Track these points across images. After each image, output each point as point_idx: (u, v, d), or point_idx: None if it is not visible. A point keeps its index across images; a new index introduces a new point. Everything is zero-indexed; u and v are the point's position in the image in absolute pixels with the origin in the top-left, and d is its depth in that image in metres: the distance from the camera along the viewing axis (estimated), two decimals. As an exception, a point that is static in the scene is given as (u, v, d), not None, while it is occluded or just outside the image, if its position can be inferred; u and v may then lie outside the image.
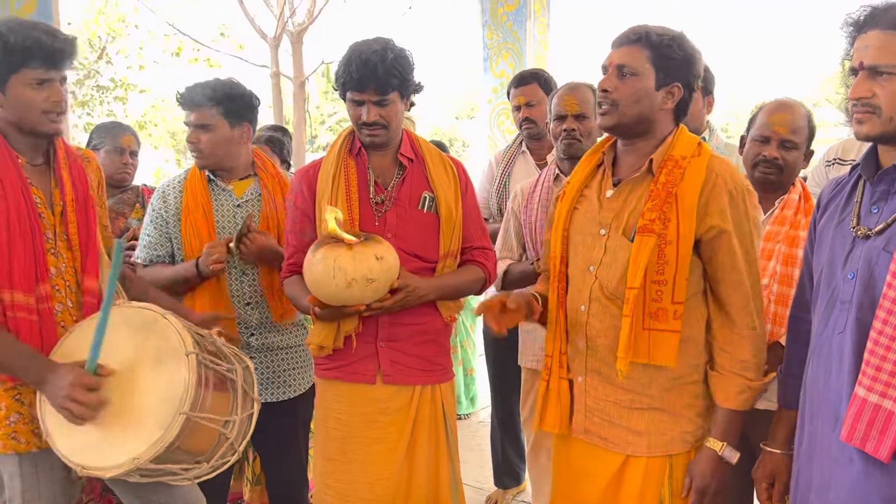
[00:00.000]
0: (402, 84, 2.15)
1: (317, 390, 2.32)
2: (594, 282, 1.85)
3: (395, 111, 2.18)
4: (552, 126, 2.80)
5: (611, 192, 1.86)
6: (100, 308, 1.88)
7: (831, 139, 4.00)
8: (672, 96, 1.80)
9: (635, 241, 1.75)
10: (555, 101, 2.78)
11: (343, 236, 1.97)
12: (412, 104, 2.29)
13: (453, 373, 2.36)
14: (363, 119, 2.15)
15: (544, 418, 1.95)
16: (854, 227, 1.52)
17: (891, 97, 1.43)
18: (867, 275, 1.47)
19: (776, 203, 2.21)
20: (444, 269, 2.24)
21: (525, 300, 1.93)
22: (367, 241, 1.99)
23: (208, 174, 2.51)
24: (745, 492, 2.14)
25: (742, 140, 2.32)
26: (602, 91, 1.80)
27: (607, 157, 1.91)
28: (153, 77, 16.17)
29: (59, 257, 1.97)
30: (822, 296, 1.59)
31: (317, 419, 2.29)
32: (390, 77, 2.10)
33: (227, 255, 2.38)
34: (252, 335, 2.49)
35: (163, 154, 20.38)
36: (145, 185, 3.31)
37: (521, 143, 3.43)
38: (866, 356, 1.42)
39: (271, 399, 2.51)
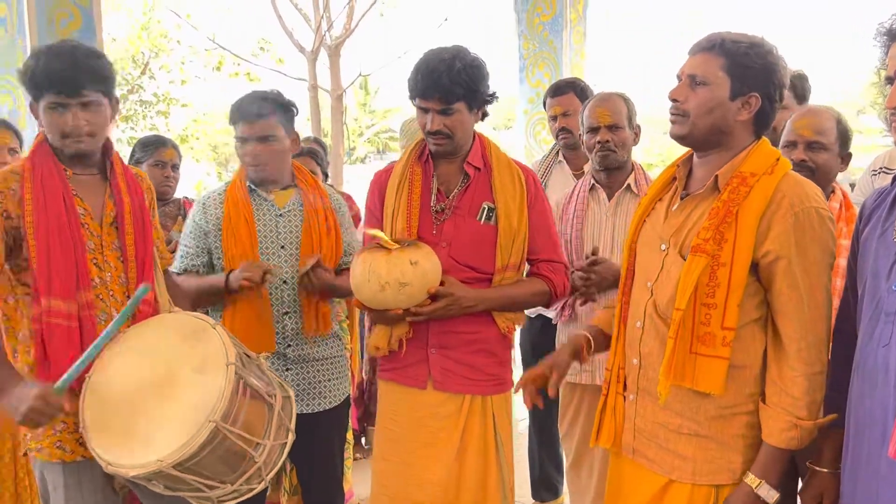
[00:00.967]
0: (469, 94, 2.14)
1: (378, 390, 2.36)
2: (649, 298, 1.79)
3: (461, 121, 2.17)
4: (585, 138, 2.77)
5: (676, 207, 1.81)
6: (139, 320, 1.92)
7: (878, 146, 3.90)
8: (749, 106, 1.71)
9: (687, 260, 1.69)
10: (586, 112, 2.75)
11: (385, 241, 2.02)
12: (485, 114, 2.27)
13: (510, 384, 2.33)
14: (427, 127, 2.17)
15: (600, 433, 1.92)
16: None
17: None
18: None
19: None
20: (502, 281, 2.23)
21: (575, 349, 1.95)
22: (406, 246, 2.03)
23: (249, 184, 2.53)
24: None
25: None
26: (672, 101, 1.75)
27: (682, 169, 1.85)
28: (195, 91, 16.50)
29: (105, 267, 2.01)
30: (867, 308, 1.55)
31: (377, 419, 2.35)
32: (455, 86, 2.09)
33: (260, 281, 2.36)
34: (289, 346, 2.50)
35: (204, 167, 20.76)
36: (186, 197, 3.37)
37: (557, 152, 3.42)
38: None
39: (307, 410, 2.51)
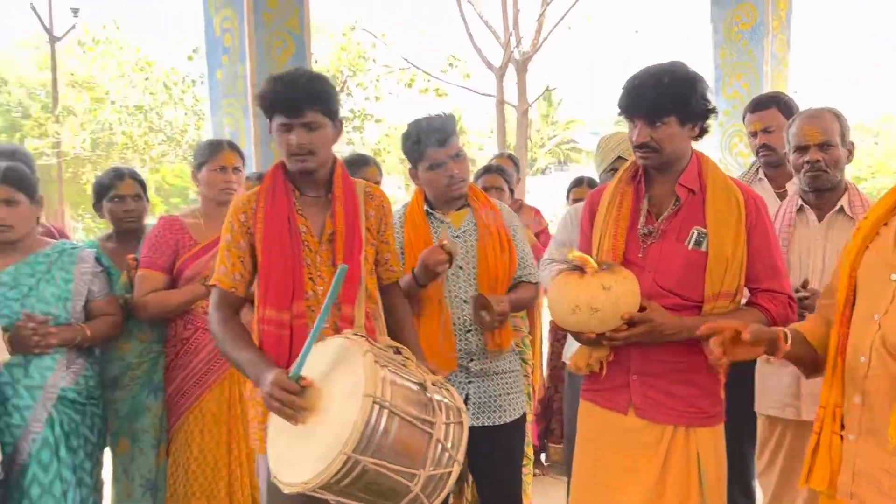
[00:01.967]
0: (679, 109, 2.05)
1: (579, 409, 2.33)
2: (877, 331, 1.64)
3: (669, 134, 2.07)
4: (792, 158, 2.57)
5: None
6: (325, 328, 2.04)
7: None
8: None
9: None
10: (793, 130, 2.56)
11: (587, 264, 2.00)
12: (703, 131, 2.16)
13: (719, 419, 2.20)
14: (634, 140, 2.12)
15: (812, 474, 1.77)
16: None
17: None
18: None
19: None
20: (713, 310, 2.10)
21: (770, 336, 1.74)
22: (604, 270, 1.99)
23: (426, 207, 2.61)
24: None
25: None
26: None
27: None
28: (387, 107, 17.32)
29: (319, 280, 2.15)
30: None
31: (577, 435, 2.31)
32: (663, 101, 2.03)
33: (449, 259, 2.41)
34: (472, 360, 2.55)
35: (395, 180, 21.67)
36: None
37: (757, 170, 3.22)
38: None
39: (487, 423, 2.54)
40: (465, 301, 2.54)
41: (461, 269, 2.54)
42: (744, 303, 2.21)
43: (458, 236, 2.57)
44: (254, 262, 2.17)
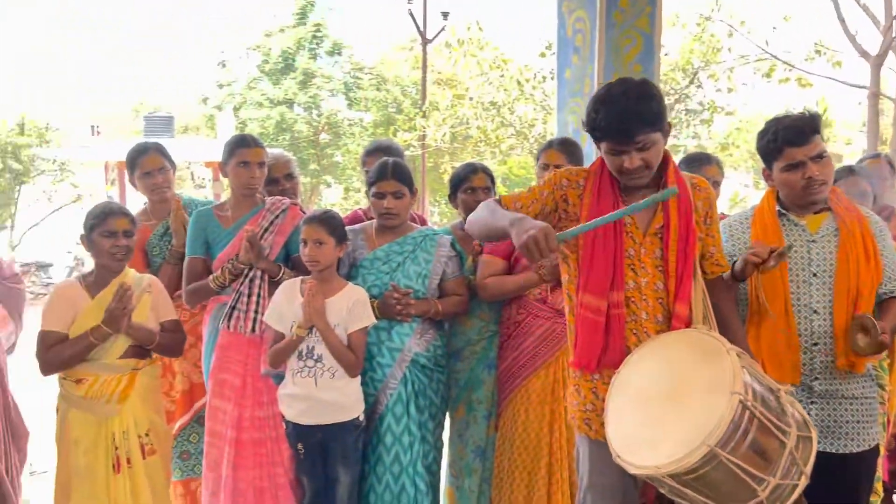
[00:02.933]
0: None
1: None
2: None
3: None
4: None
5: None
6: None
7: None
8: None
9: None
10: None
11: None
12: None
13: None
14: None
15: None
16: None
17: None
18: None
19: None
20: None
21: None
22: None
23: (779, 207, 2.47)
24: None
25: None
26: None
27: None
28: (739, 99, 16.32)
29: (642, 273, 2.17)
30: None
31: None
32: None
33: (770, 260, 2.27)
34: (816, 379, 2.37)
35: (740, 177, 20.38)
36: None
37: None
38: None
39: (830, 449, 2.36)
40: (815, 311, 2.37)
41: (815, 276, 2.37)
42: None
43: (813, 241, 2.41)
44: (536, 215, 2.17)
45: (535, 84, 15.39)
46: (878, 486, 3.18)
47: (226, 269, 2.94)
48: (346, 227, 2.87)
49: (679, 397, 1.90)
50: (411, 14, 18.97)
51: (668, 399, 1.93)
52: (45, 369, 2.65)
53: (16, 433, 3.13)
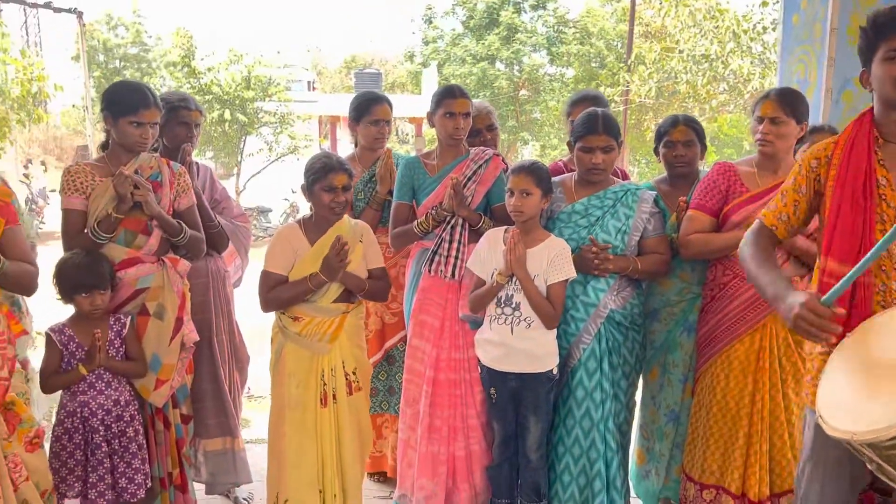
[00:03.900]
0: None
1: None
2: None
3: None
4: None
5: None
6: None
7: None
8: None
9: None
10: None
11: None
12: None
13: None
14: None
15: None
16: None
17: None
18: None
19: None
20: None
21: None
22: None
23: None
24: None
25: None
26: None
27: None
28: None
29: None
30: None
31: None
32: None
33: None
34: None
35: None
36: None
37: None
38: None
39: None
40: None
41: None
42: None
43: None
44: (810, 210, 2.11)
45: (754, 35, 14.30)
46: None
47: (430, 216, 3.05)
48: None
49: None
50: (620, -37, 18.27)
51: (892, 370, 1.78)
52: (266, 306, 2.88)
53: (239, 358, 3.48)
